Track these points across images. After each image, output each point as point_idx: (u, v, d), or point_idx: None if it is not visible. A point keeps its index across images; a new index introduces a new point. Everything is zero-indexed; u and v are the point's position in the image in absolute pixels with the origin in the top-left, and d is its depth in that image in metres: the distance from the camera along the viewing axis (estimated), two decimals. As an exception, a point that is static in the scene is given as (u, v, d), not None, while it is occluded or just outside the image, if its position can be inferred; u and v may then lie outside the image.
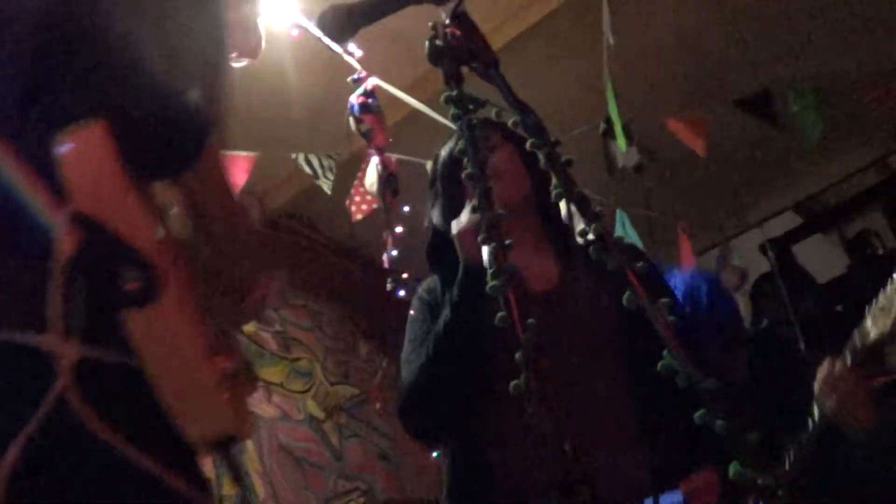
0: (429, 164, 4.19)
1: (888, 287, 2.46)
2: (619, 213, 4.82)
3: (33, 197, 1.16)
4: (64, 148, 1.14)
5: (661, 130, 4.52)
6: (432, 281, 2.27)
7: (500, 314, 1.17)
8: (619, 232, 4.74)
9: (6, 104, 1.22)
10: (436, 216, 2.29)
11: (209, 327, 1.29)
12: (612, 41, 3.58)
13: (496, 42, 4.21)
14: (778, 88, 4.79)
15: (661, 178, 5.25)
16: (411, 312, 2.25)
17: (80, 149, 1.14)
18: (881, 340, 2.36)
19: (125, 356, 1.14)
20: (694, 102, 4.71)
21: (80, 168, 1.14)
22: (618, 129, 4.01)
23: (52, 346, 1.09)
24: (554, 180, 1.21)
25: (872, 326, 2.37)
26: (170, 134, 1.25)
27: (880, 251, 5.90)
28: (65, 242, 1.10)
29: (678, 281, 3.14)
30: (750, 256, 6.14)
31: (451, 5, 1.45)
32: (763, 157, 5.62)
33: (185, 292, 1.21)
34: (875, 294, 2.35)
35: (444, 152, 2.33)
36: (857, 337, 2.40)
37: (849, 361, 2.37)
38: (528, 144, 1.24)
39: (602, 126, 4.40)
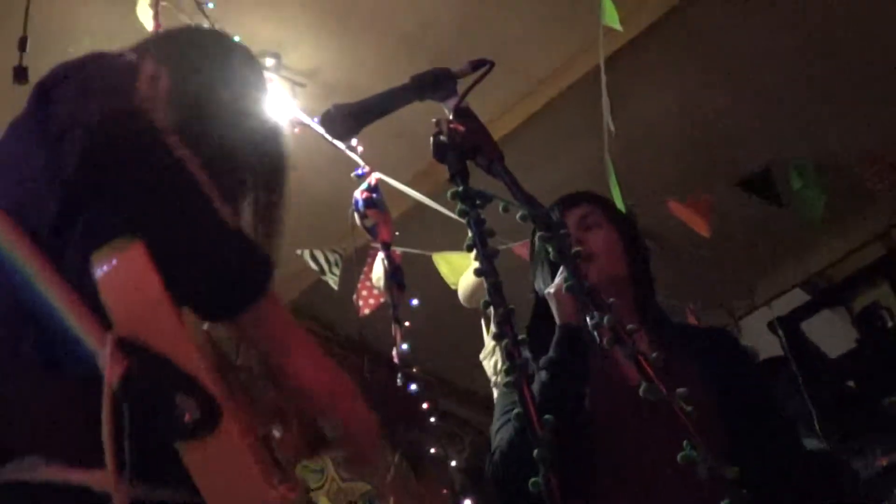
0: (434, 256, 4.20)
1: None
2: (626, 297, 4.80)
3: (77, 322, 1.08)
4: (102, 269, 1.07)
5: (666, 213, 4.53)
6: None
7: (516, 410, 1.15)
8: (627, 316, 4.71)
9: (43, 220, 1.15)
10: (539, 284, 2.26)
11: (269, 457, 1.22)
12: (612, 128, 3.61)
13: (496, 133, 4.25)
14: (779, 166, 4.81)
15: (667, 261, 5.24)
16: (498, 389, 2.22)
17: (120, 270, 1.07)
18: None
19: (182, 492, 1.07)
20: (696, 183, 4.73)
21: (122, 291, 1.07)
22: (621, 213, 4.02)
23: (104, 486, 1.02)
24: (563, 272, 1.19)
25: None
26: (223, 272, 1.15)
27: (889, 324, 5.87)
28: (112, 371, 1.03)
29: None
30: (760, 335, 6.10)
31: (453, 101, 1.46)
32: (768, 236, 5.62)
33: (242, 422, 1.13)
34: (885, 367, 2.36)
35: None
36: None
37: None
38: (536, 237, 1.24)
39: (606, 211, 4.41)
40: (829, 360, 5.88)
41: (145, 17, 3.11)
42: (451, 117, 1.43)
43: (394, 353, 3.09)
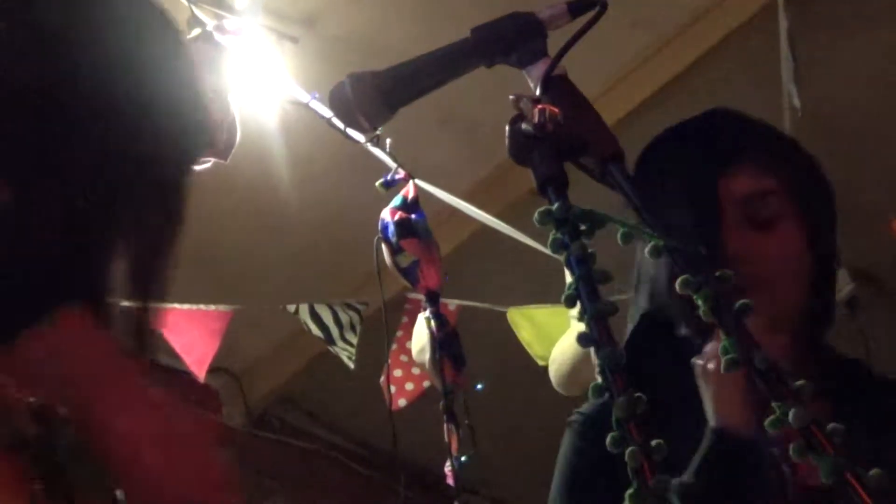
0: (509, 313, 4.20)
1: None
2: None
3: None
4: None
5: (887, 240, 4.50)
6: (603, 406, 2.22)
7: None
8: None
9: None
10: (645, 297, 2.16)
11: None
12: (797, 103, 3.61)
13: (611, 114, 4.26)
14: None
15: (890, 317, 5.21)
16: (568, 451, 2.19)
17: None
18: None
19: None
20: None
21: None
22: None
23: None
24: (723, 339, 1.20)
25: None
26: None
27: None
28: None
29: None
30: None
31: (542, 66, 1.46)
32: None
33: None
34: None
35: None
36: None
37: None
38: (678, 283, 1.23)
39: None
40: None
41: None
42: (537, 93, 1.45)
43: (446, 469, 3.10)
